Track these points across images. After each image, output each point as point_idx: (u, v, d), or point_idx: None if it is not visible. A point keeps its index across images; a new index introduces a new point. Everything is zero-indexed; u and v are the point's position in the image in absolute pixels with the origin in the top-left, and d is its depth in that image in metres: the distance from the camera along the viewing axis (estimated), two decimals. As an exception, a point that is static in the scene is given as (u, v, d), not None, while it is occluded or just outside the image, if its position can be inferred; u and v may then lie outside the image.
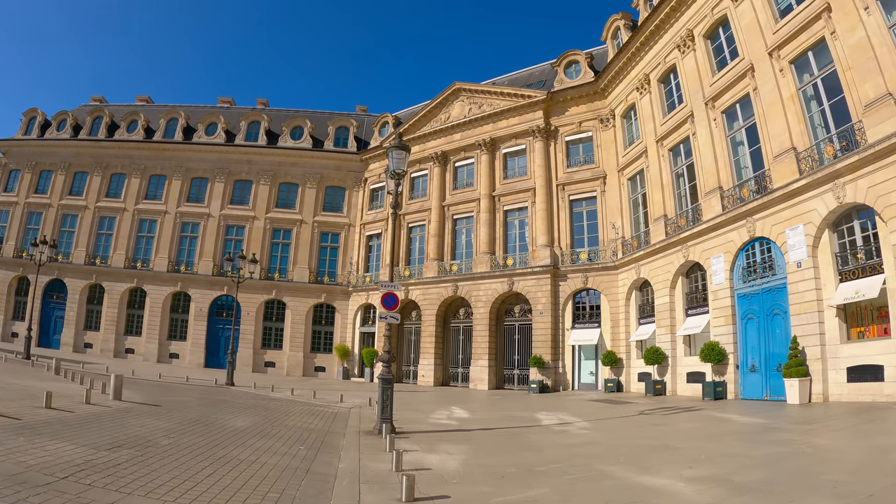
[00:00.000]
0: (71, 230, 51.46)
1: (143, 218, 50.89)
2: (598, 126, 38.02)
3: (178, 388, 25.14)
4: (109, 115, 55.02)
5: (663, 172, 31.41)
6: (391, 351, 14.80)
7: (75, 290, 49.49)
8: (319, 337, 48.43)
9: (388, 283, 14.92)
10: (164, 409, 16.00)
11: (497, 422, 17.72)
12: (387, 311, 14.72)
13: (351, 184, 51.03)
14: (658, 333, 30.04)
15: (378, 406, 14.14)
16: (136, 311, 49.37)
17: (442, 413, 20.17)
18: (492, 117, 41.87)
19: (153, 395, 19.71)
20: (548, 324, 35.61)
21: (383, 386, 14.01)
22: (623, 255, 34.05)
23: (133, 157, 52.28)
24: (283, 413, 18.24)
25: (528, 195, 39.00)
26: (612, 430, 15.86)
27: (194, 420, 14.10)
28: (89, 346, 48.39)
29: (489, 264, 39.02)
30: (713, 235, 26.65)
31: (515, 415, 20.28)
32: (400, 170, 15.00)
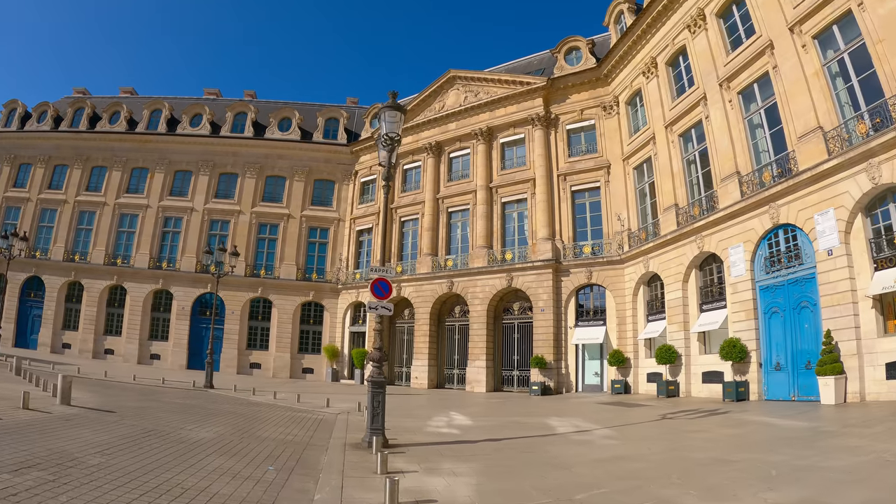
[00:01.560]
0: (50, 225, 49.21)
1: (124, 212, 48.52)
2: (601, 114, 35.86)
3: (149, 391, 22.88)
4: (91, 106, 52.74)
5: (673, 159, 29.35)
6: (383, 348, 12.44)
7: (53, 288, 47.15)
8: (307, 337, 46.03)
9: (379, 267, 12.57)
10: (116, 416, 13.68)
11: (504, 430, 15.25)
12: (377, 301, 12.33)
13: (341, 177, 48.75)
14: (670, 331, 27.82)
15: (367, 414, 11.84)
16: (116, 310, 46.95)
17: (440, 419, 17.79)
18: (489, 105, 39.64)
19: (112, 399, 17.44)
20: (549, 322, 33.30)
21: (374, 390, 11.74)
22: (630, 248, 31.82)
23: (115, 150, 49.94)
24: (258, 421, 15.91)
25: (527, 186, 36.77)
26: (643, 438, 13.48)
27: (147, 431, 11.72)
28: (67, 347, 46.07)
29: (486, 259, 36.69)
30: (731, 224, 24.51)
31: (523, 421, 17.86)
32: (394, 133, 12.63)
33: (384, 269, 12.52)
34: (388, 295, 12.53)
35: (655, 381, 27.84)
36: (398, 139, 12.79)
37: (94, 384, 23.62)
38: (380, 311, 12.32)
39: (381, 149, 12.89)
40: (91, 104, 52.95)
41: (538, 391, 31.16)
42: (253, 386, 28.60)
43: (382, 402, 11.69)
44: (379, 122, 12.91)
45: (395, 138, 12.71)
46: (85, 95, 56.44)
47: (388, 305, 12.45)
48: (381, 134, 12.76)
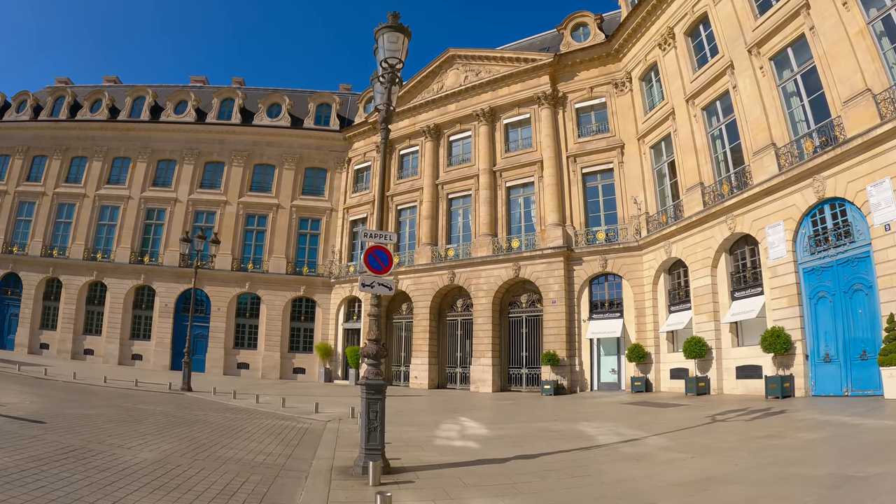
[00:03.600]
0: (28, 219, 46.31)
1: (105, 204, 45.62)
2: (613, 91, 33.14)
3: (113, 396, 20.18)
4: (73, 94, 49.94)
5: (696, 135, 26.71)
6: (381, 340, 9.52)
7: (31, 285, 44.25)
8: (298, 335, 43.12)
9: (376, 231, 9.71)
10: (44, 427, 11.07)
11: (533, 441, 12.33)
12: (374, 276, 9.44)
13: (333, 165, 45.90)
14: (697, 322, 25.05)
15: (362, 428, 8.87)
16: (96, 308, 44.04)
17: (450, 428, 14.86)
18: (491, 84, 36.83)
19: (55, 406, 14.80)
20: (561, 315, 30.45)
21: (370, 396, 8.85)
22: (648, 232, 29.05)
23: (95, 139, 47.07)
24: (228, 432, 13.07)
25: (534, 169, 33.97)
26: (712, 449, 10.40)
27: (70, 450, 8.91)
28: (45, 347, 43.21)
29: (491, 248, 33.83)
30: (768, 201, 21.83)
31: (549, 428, 14.88)
32: (394, 60, 9.69)
33: (383, 235, 9.67)
34: (387, 268, 9.59)
35: (680, 377, 25.25)
36: (400, 68, 9.88)
37: (51, 387, 21.16)
38: (377, 290, 9.46)
39: (379, 84, 10.02)
40: (72, 93, 50.20)
41: (550, 390, 28.43)
42: (237, 388, 26.02)
43: (381, 413, 8.87)
44: (377, 48, 9.92)
45: (397, 66, 9.80)
46: (67, 84, 53.33)
47: (388, 282, 9.57)
48: (379, 62, 9.83)
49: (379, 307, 9.75)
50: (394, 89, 10.20)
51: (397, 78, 10.03)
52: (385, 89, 9.94)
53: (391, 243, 9.90)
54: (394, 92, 10.21)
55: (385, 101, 10.00)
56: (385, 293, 9.55)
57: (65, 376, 25.91)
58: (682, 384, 24.59)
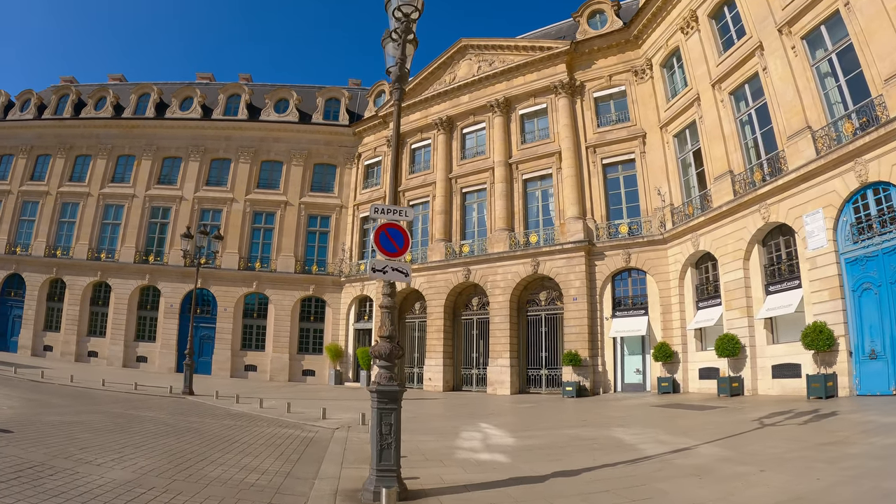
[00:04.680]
0: (31, 219, 45.70)
1: (109, 203, 44.89)
2: (632, 79, 31.95)
3: (104, 400, 19.11)
4: (77, 93, 49.34)
5: (724, 121, 25.42)
6: (395, 337, 8.11)
7: (34, 286, 43.61)
8: (308, 335, 42.09)
9: (389, 206, 8.49)
10: (12, 436, 10.10)
11: (567, 451, 11.06)
12: (387, 259, 8.21)
13: (342, 160, 44.87)
14: (728, 318, 23.72)
15: (373, 443, 7.51)
16: (100, 309, 43.27)
17: (471, 436, 13.57)
18: (505, 74, 35.66)
19: (33, 411, 13.90)
20: (583, 312, 29.19)
21: (382, 406, 7.56)
22: (674, 224, 27.76)
23: (100, 137, 46.40)
24: (220, 443, 11.81)
25: (551, 161, 32.76)
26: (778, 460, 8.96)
27: (26, 467, 7.73)
28: (49, 349, 42.53)
29: (508, 243, 32.58)
30: (805, 187, 20.49)
31: (581, 435, 13.61)
32: (409, 7, 8.31)
33: (396, 210, 8.44)
34: (402, 250, 8.38)
35: (710, 377, 23.99)
36: (416, 17, 8.61)
37: (42, 391, 20.20)
38: (390, 277, 8.19)
39: (392, 42, 8.78)
40: (77, 91, 49.61)
41: (572, 392, 27.17)
42: (242, 391, 25.06)
43: (397, 426, 7.54)
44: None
45: (412, 15, 8.52)
46: (72, 83, 52.71)
47: (404, 267, 8.33)
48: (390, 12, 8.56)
49: (393, 297, 8.38)
50: (409, 48, 8.90)
51: (412, 31, 8.76)
52: (399, 45, 8.68)
53: (406, 221, 8.61)
54: (409, 52, 8.92)
55: (400, 58, 8.70)
56: (400, 280, 8.31)
57: (62, 379, 25.00)
58: (713, 384, 23.41)
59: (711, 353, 24.09)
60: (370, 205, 39.26)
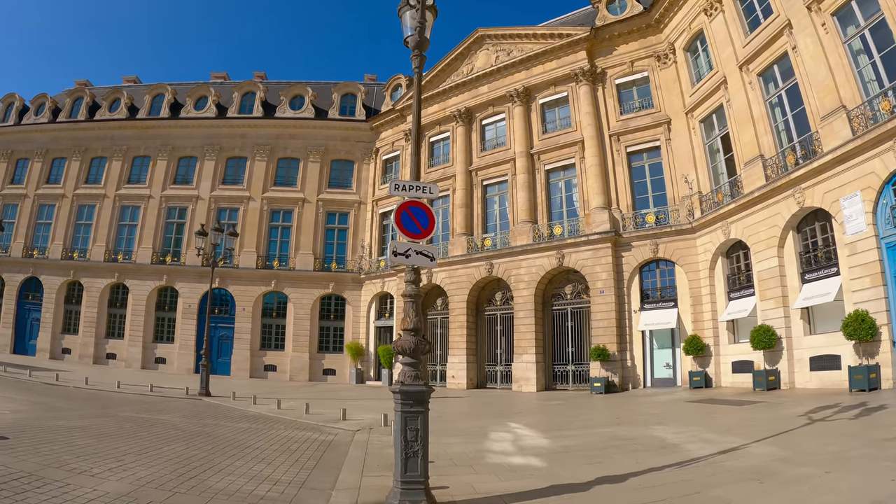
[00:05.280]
0: (48, 222, 45.91)
1: (126, 204, 44.95)
2: (655, 64, 31.23)
3: (116, 403, 18.84)
4: (91, 95, 49.57)
5: (753, 103, 24.57)
6: (421, 330, 7.33)
7: (52, 289, 43.73)
8: (328, 334, 41.69)
9: (412, 182, 7.83)
10: (6, 443, 9.61)
11: (607, 453, 10.46)
12: (410, 241, 7.52)
13: (360, 156, 44.49)
14: (762, 308, 22.92)
15: (397, 451, 6.75)
16: (118, 311, 43.27)
17: (501, 437, 12.91)
18: (524, 63, 35.02)
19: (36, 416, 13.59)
20: (610, 305, 28.49)
21: (407, 410, 6.83)
22: (703, 213, 27.00)
23: (114, 138, 46.50)
24: (230, 450, 11.14)
25: (574, 150, 32.07)
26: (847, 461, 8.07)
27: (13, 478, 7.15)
28: (67, 352, 42.56)
29: (531, 235, 31.91)
30: (842, 169, 19.63)
31: (618, 434, 12.92)
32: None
33: (419, 186, 7.81)
34: (426, 231, 7.72)
35: (744, 371, 23.27)
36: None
37: (53, 394, 19.95)
38: (413, 261, 7.44)
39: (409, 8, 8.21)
40: (91, 94, 49.86)
41: (601, 388, 26.51)
42: (261, 392, 24.81)
43: (424, 432, 6.81)
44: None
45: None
46: (86, 86, 52.84)
47: (429, 250, 7.65)
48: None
49: (417, 285, 7.62)
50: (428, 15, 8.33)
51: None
52: (417, 10, 8.08)
53: (430, 198, 7.96)
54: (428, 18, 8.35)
55: (419, 21, 8.14)
56: (425, 265, 7.61)
57: (76, 382, 24.81)
58: (747, 378, 22.66)
59: (745, 346, 23.42)
60: (390, 200, 39.42)
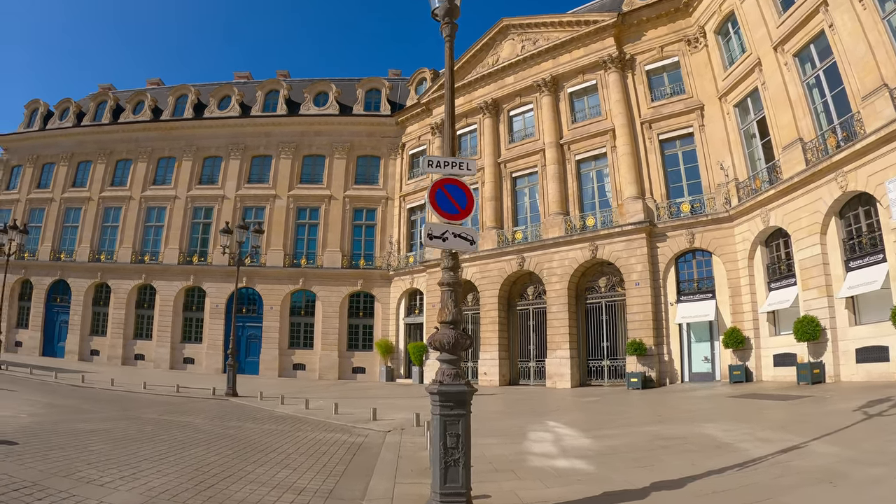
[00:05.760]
0: (75, 225, 46.46)
1: (151, 206, 45.23)
2: (685, 49, 30.55)
3: (140, 405, 18.63)
4: (115, 99, 50.05)
5: (790, 85, 23.81)
6: (460, 322, 6.63)
7: (79, 292, 44.17)
8: (357, 332, 41.41)
9: (446, 158, 7.13)
10: (14, 449, 9.24)
11: (658, 455, 9.73)
12: (446, 222, 6.88)
13: (386, 151, 44.21)
14: (804, 298, 22.15)
15: (435, 462, 6.05)
16: (146, 312, 43.55)
17: (541, 436, 12.33)
18: (550, 52, 34.52)
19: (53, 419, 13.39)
20: (646, 298, 27.89)
21: (446, 413, 6.17)
22: (740, 200, 26.29)
23: (139, 140, 46.85)
24: (253, 454, 10.62)
25: (605, 139, 31.52)
26: None
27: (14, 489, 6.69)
28: (96, 354, 43.00)
29: (563, 227, 31.39)
30: (886, 150, 18.84)
31: (664, 433, 12.20)
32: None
33: (455, 163, 7.13)
34: (464, 211, 7.05)
35: (786, 364, 22.56)
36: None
37: (76, 396, 19.88)
38: (451, 245, 6.79)
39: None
40: (115, 97, 50.36)
41: (638, 384, 25.92)
42: (290, 391, 24.53)
43: (466, 438, 6.12)
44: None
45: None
46: (110, 89, 53.18)
47: (469, 232, 6.98)
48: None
49: (456, 272, 6.91)
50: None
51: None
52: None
53: (468, 175, 7.38)
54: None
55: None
56: (464, 249, 6.97)
57: (102, 383, 24.72)
58: (789, 372, 22.02)
59: (786, 338, 22.76)
60: (417, 195, 39.02)
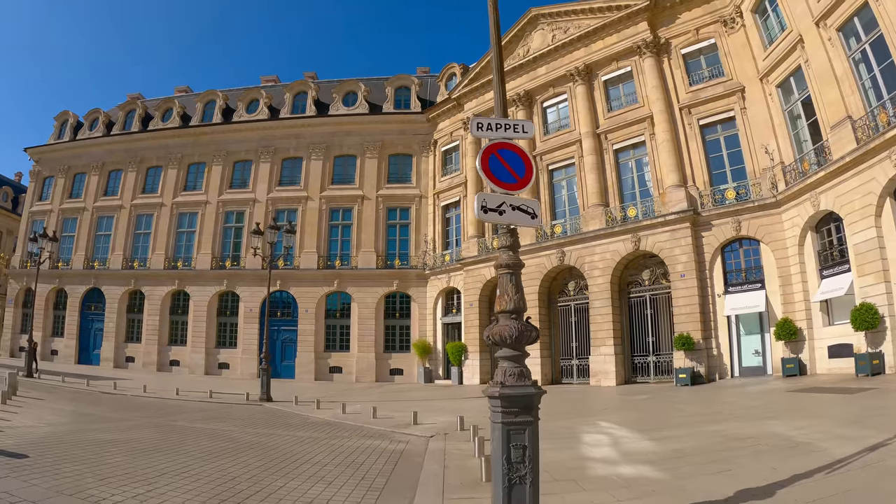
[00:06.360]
0: (107, 233, 47.04)
1: (183, 212, 45.53)
2: (722, 30, 29.71)
3: (171, 411, 18.45)
4: (143, 107, 50.83)
5: (835, 61, 22.82)
6: (523, 310, 5.88)
7: (114, 299, 44.70)
8: (393, 333, 41.08)
9: (499, 119, 6.31)
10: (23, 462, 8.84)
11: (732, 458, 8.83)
12: (503, 193, 6.04)
13: (418, 149, 43.87)
14: (860, 285, 21.18)
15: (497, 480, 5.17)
16: (180, 318, 43.83)
17: (596, 439, 11.68)
18: (582, 40, 33.89)
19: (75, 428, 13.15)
20: (692, 290, 27.05)
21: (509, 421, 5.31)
22: (787, 184, 25.35)
23: (169, 147, 47.22)
24: (284, 465, 9.92)
25: (643, 127, 30.82)
26: None
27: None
28: (131, 360, 43.47)
29: (603, 219, 30.71)
30: (945, 124, 17.99)
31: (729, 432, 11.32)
32: None
33: (510, 124, 6.32)
34: (523, 181, 6.25)
35: (842, 355, 21.59)
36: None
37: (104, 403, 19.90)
38: (509, 218, 5.96)
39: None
40: (143, 106, 51.14)
41: (686, 380, 25.04)
42: (325, 395, 24.24)
43: (533, 451, 5.27)
44: None
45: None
46: (138, 99, 53.86)
47: (530, 205, 6.17)
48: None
49: (515, 252, 6.04)
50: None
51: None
52: None
53: (525, 138, 6.64)
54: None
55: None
56: (525, 224, 6.17)
57: (134, 390, 24.77)
58: (846, 363, 21.08)
59: (841, 328, 21.89)
60: (451, 192, 38.39)
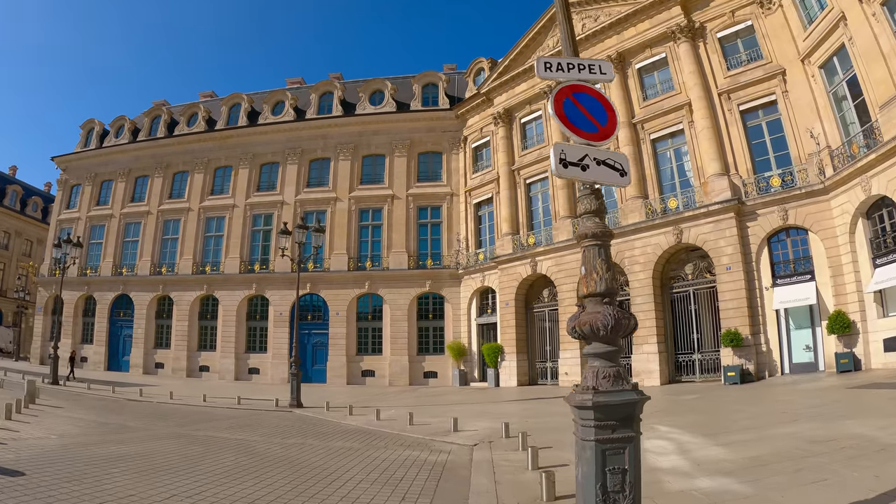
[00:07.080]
0: (135, 239, 47.39)
1: (210, 216, 45.65)
2: (758, 11, 28.79)
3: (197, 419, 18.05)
4: (168, 113, 51.16)
5: (881, 37, 21.75)
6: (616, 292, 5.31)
7: (142, 305, 44.95)
8: (427, 335, 40.52)
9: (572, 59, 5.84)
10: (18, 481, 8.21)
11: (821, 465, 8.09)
12: (585, 144, 5.48)
13: (448, 146, 43.38)
14: (919, 272, 20.16)
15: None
16: (209, 323, 43.85)
17: (661, 447, 10.65)
18: (614, 27, 33.27)
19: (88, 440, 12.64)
20: (739, 283, 26.15)
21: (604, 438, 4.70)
22: (835, 169, 24.36)
23: (195, 152, 47.41)
24: (315, 482, 9.06)
25: (680, 114, 30.07)
26: None
27: None
28: (160, 367, 43.59)
29: (643, 211, 30.02)
30: None
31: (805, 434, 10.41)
32: None
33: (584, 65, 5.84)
34: (605, 130, 5.67)
35: (900, 347, 20.66)
36: None
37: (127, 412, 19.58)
38: (593, 175, 5.39)
39: None
40: (168, 112, 51.52)
41: (735, 378, 24.10)
42: (358, 399, 23.95)
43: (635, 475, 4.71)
44: None
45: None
46: (163, 105, 54.09)
47: (618, 159, 5.54)
48: None
49: (602, 216, 5.47)
50: None
51: None
52: None
53: (604, 80, 5.95)
54: None
55: None
56: (612, 182, 5.50)
57: (160, 397, 24.49)
58: (908, 357, 20.02)
59: (896, 320, 20.81)
60: (483, 189, 37.68)
